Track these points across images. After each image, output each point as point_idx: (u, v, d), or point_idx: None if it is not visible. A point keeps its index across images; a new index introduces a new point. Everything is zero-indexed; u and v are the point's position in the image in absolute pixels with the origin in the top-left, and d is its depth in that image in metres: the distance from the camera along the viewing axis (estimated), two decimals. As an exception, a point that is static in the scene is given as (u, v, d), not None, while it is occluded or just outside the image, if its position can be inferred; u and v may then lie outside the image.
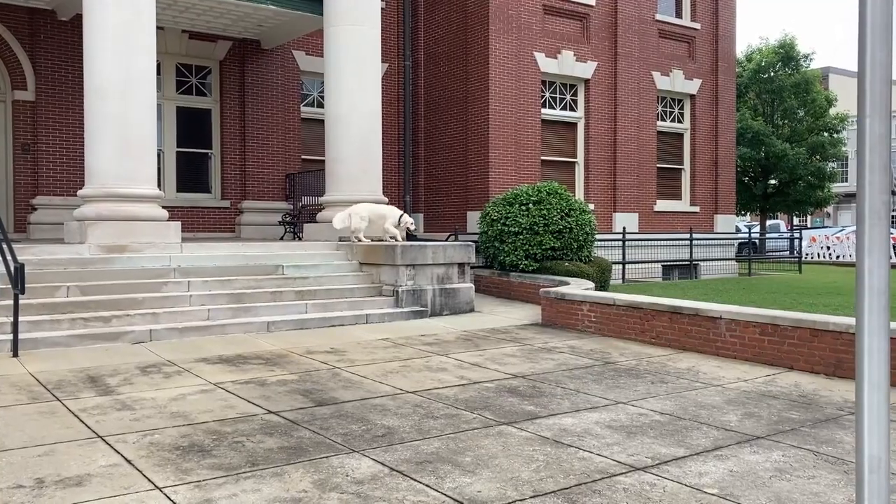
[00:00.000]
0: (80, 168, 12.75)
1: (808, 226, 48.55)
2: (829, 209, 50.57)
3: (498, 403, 6.06)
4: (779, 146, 26.73)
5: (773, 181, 28.81)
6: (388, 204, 12.76)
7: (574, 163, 16.83)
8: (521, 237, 12.58)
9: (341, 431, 5.24)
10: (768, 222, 32.16)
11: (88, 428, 5.26)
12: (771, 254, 27.43)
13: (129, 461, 4.56)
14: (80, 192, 10.39)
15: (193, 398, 6.15)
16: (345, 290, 10.64)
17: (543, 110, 16.18)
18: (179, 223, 10.66)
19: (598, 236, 13.78)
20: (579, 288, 10.45)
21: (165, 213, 10.65)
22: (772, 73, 28.88)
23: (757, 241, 28.54)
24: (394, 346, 8.64)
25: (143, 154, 10.37)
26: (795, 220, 41.51)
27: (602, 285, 12.41)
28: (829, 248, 29.10)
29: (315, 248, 11.68)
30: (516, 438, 5.11)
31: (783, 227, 37.72)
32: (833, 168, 30.26)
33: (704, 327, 8.30)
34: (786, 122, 28.71)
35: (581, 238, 12.74)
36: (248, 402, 6.05)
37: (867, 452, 1.94)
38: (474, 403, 6.05)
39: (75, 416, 5.58)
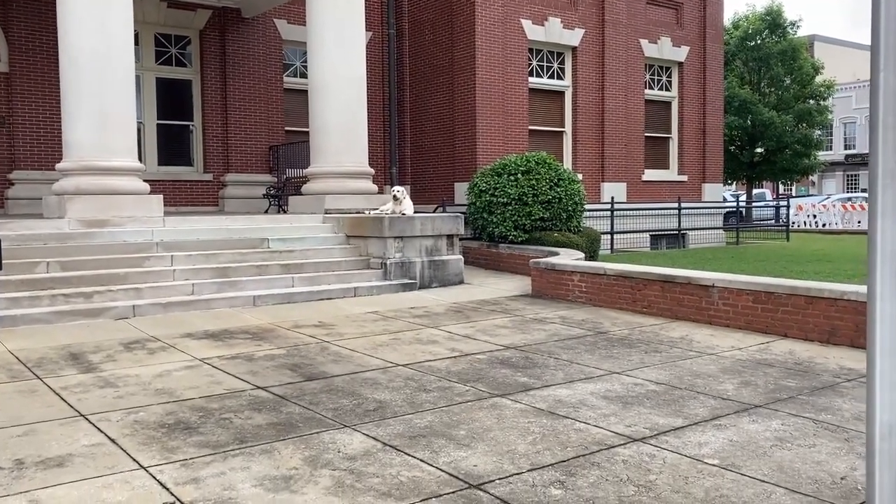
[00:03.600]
0: (58, 141, 12.41)
1: (794, 194, 48.75)
2: (814, 178, 50.73)
3: (491, 375, 5.95)
4: (766, 114, 26.60)
5: (759, 149, 28.74)
6: (374, 175, 12.58)
7: (562, 132, 16.64)
8: (510, 208, 12.42)
9: (332, 406, 5.11)
10: (754, 191, 32.14)
11: (70, 406, 5.11)
12: (758, 222, 27.46)
13: (112, 440, 4.41)
14: (58, 166, 10.12)
15: (179, 374, 6.00)
16: (332, 262, 10.47)
17: (531, 79, 15.94)
18: (161, 196, 10.43)
19: (586, 206, 13.65)
20: (569, 258, 10.33)
21: (147, 187, 10.40)
22: (758, 41, 28.67)
23: (743, 209, 28.55)
24: (383, 318, 8.51)
25: (122, 126, 10.09)
26: (781, 189, 41.57)
27: (591, 255, 12.31)
28: (815, 216, 29.19)
29: (301, 220, 11.48)
30: (511, 410, 5.01)
31: (769, 196, 37.79)
32: (819, 136, 30.18)
33: (697, 296, 8.21)
34: (772, 89, 28.57)
35: (570, 208, 12.60)
36: (235, 377, 5.91)
37: (879, 419, 1.84)
38: (467, 376, 5.94)
39: (56, 394, 5.42)
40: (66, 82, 9.91)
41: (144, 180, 10.50)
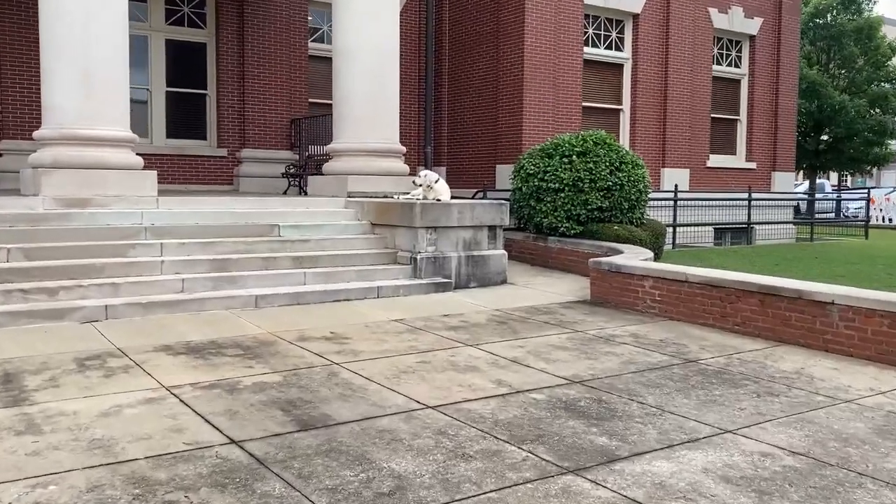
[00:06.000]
0: (49, 107, 10.96)
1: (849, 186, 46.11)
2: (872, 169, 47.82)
3: (554, 431, 4.29)
4: (836, 98, 24.27)
5: (825, 136, 26.41)
6: (405, 154, 10.95)
7: (619, 110, 14.79)
8: (562, 195, 10.67)
9: (328, 483, 3.51)
10: (817, 181, 29.82)
11: (-43, 470, 3.57)
12: (821, 216, 25.22)
13: (-18, 547, 2.85)
14: (35, 134, 8.64)
15: (131, 413, 4.44)
16: (352, 255, 8.87)
17: (586, 49, 14.11)
18: (155, 172, 8.88)
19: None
20: (637, 258, 8.59)
21: (140, 161, 8.88)
22: (829, 18, 26.26)
23: (805, 202, 26.35)
24: (410, 330, 6.88)
25: (111, 88, 8.56)
26: (848, 181, 38.99)
27: (656, 252, 10.53)
28: (882, 210, 26.89)
29: (319, 204, 9.89)
30: (593, 502, 3.35)
31: (828, 188, 35.38)
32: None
33: (809, 314, 6.44)
34: (843, 71, 26.18)
35: (633, 197, 10.80)
36: (206, 421, 4.33)
37: None
38: (521, 430, 4.29)
39: (-50, 445, 3.89)
40: (45, 33, 8.41)
41: (150, 154, 9.11)
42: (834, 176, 41.94)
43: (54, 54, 8.35)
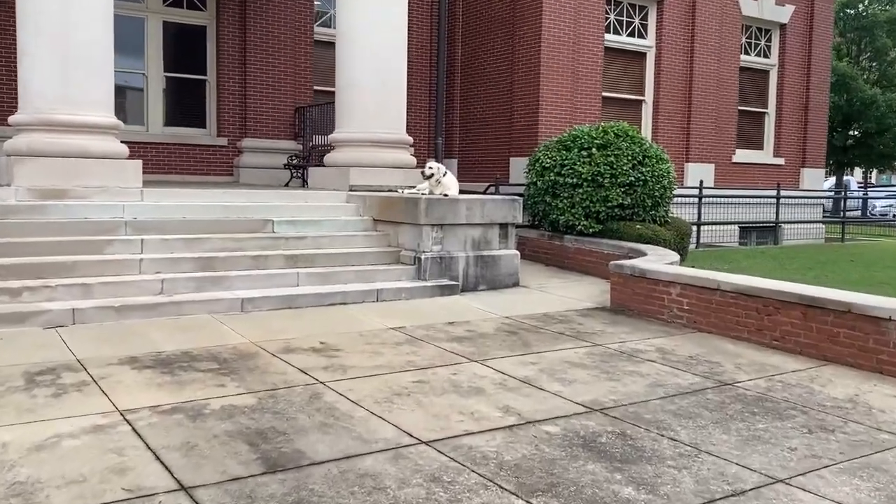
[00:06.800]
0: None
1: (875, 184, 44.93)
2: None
3: (570, 477, 3.58)
4: (867, 91, 23.26)
5: (854, 132, 25.40)
6: (413, 145, 10.25)
7: (641, 101, 13.97)
8: (580, 191, 9.91)
9: (289, 552, 2.81)
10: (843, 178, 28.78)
11: None
12: (849, 214, 24.22)
13: None
14: (10, 119, 8.02)
15: (71, 446, 3.77)
16: (352, 254, 8.17)
17: (607, 35, 13.31)
18: (140, 162, 8.23)
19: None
20: (662, 262, 7.84)
21: (124, 149, 8.23)
22: (861, 8, 25.20)
23: (831, 200, 25.35)
24: (409, 340, 6.18)
25: (94, 70, 7.93)
26: (873, 177, 37.86)
27: (681, 253, 9.77)
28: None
29: (318, 198, 9.21)
30: (620, 589, 2.64)
31: (853, 185, 34.31)
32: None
33: (861, 331, 5.68)
34: (874, 64, 25.14)
35: (657, 193, 10.02)
36: (156, 458, 3.65)
37: None
38: (531, 476, 3.58)
39: None
40: (22, 8, 7.77)
41: (145, 143, 8.51)
42: (858, 172, 40.81)
43: (32, 32, 7.73)
